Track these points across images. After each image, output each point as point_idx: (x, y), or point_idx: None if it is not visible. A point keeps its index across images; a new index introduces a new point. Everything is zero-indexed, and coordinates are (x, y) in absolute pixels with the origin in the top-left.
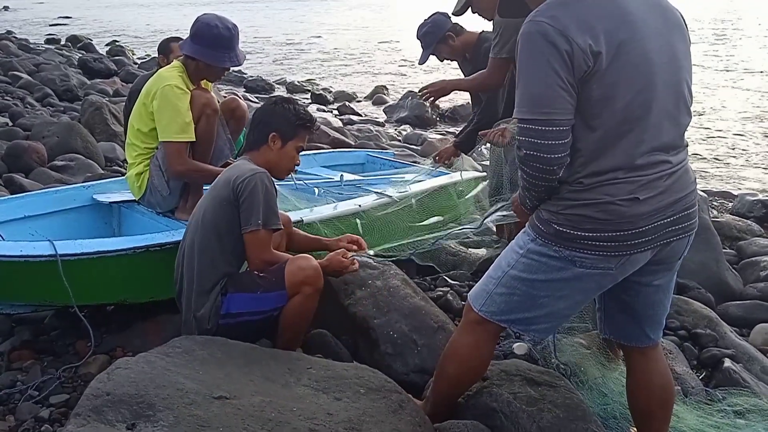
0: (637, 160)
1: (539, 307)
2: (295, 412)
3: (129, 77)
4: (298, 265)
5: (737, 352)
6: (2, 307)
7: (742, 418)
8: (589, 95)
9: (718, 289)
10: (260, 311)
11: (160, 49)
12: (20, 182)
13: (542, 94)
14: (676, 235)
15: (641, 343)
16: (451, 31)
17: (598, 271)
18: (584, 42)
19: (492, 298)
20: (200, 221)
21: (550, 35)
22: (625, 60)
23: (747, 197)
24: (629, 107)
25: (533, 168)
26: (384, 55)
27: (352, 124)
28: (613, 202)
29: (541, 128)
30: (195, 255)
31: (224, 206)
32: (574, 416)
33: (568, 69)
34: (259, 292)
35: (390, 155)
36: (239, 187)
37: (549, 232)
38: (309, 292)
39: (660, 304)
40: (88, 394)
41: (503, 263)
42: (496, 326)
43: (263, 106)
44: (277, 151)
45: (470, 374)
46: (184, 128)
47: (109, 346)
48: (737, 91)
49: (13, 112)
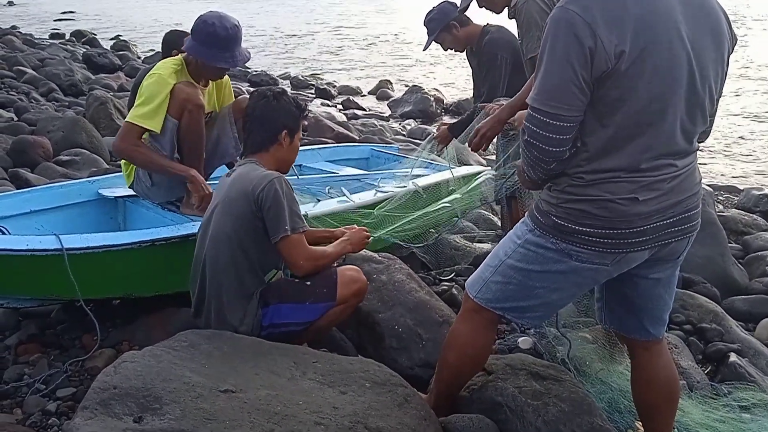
0: (642, 164)
1: (534, 297)
2: (301, 406)
3: (133, 72)
4: (352, 278)
5: (743, 347)
6: (9, 301)
7: (748, 412)
8: (605, 94)
9: (723, 284)
10: (305, 321)
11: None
12: (26, 177)
13: (555, 88)
14: (675, 237)
15: (641, 336)
16: (456, 20)
17: (594, 266)
18: (609, 40)
19: (488, 285)
20: (221, 236)
21: (576, 27)
22: (646, 64)
23: (753, 192)
24: (643, 112)
25: (532, 154)
26: (388, 49)
27: (356, 119)
28: (613, 200)
29: (545, 120)
30: (221, 271)
31: (247, 220)
32: (580, 410)
33: (587, 67)
34: (309, 303)
35: (394, 150)
36: (260, 198)
37: (547, 224)
38: (354, 303)
39: (659, 299)
40: (95, 387)
41: (501, 252)
42: (492, 314)
43: (260, 104)
44: (287, 147)
45: (470, 362)
46: (147, 114)
47: (116, 340)
48: (744, 87)
49: (18, 107)
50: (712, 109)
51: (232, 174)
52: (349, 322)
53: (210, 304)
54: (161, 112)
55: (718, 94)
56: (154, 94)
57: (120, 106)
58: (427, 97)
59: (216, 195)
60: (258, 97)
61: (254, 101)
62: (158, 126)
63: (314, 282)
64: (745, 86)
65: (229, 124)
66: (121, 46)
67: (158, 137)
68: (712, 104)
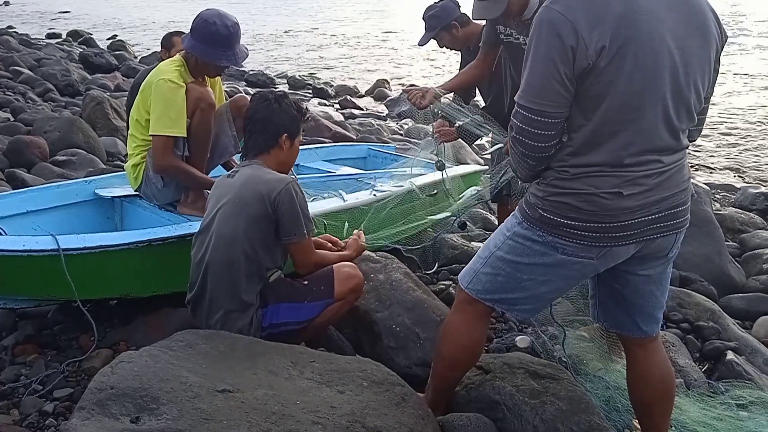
0: (626, 159)
1: (522, 289)
2: (299, 405)
3: (130, 72)
4: (348, 274)
5: (740, 345)
6: (5, 301)
7: (745, 410)
8: (587, 90)
9: (720, 282)
10: (304, 320)
11: (163, 42)
12: (22, 177)
13: (538, 85)
14: (661, 233)
15: (634, 333)
16: (457, 20)
17: (579, 260)
18: (590, 37)
19: (478, 276)
20: (230, 237)
21: (559, 26)
22: (626, 61)
23: (750, 190)
24: (624, 108)
25: (518, 150)
26: (386, 48)
27: (353, 118)
28: (597, 194)
29: (529, 116)
30: (227, 272)
31: (261, 221)
32: (577, 408)
33: (569, 64)
34: (307, 302)
35: (392, 149)
36: (277, 201)
37: (534, 216)
38: (352, 299)
39: (651, 296)
40: (92, 387)
41: (491, 244)
42: (484, 306)
43: (262, 106)
44: (287, 150)
45: (463, 354)
46: (173, 123)
47: (112, 340)
48: (741, 84)
49: (15, 107)
50: (699, 107)
51: (237, 175)
52: (346, 322)
53: (212, 304)
54: (183, 116)
55: (706, 92)
56: (171, 100)
57: (117, 106)
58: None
59: (218, 195)
60: (260, 100)
61: (256, 104)
62: (184, 131)
63: (311, 281)
64: (743, 85)
65: (227, 123)
66: (118, 46)
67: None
68: (699, 102)
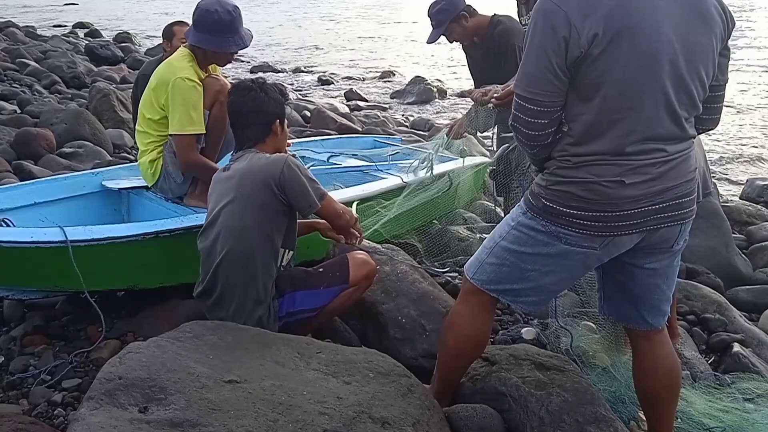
0: (627, 147)
1: (526, 280)
2: (305, 396)
3: (136, 64)
4: (363, 260)
5: (746, 337)
6: (14, 292)
7: (751, 402)
8: (582, 78)
9: (727, 274)
10: (319, 307)
11: (164, 33)
12: (29, 169)
13: (532, 74)
14: (665, 223)
15: (639, 326)
16: (466, 11)
17: (583, 250)
18: (583, 26)
19: (483, 267)
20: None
21: (553, 17)
22: (621, 48)
23: (757, 182)
24: (622, 95)
25: (517, 138)
26: (391, 40)
27: (359, 110)
28: (599, 182)
29: (524, 104)
30: (242, 263)
31: (272, 206)
32: (583, 400)
33: (561, 54)
34: (323, 288)
35: (397, 141)
36: (282, 180)
37: (538, 206)
38: (365, 285)
39: (656, 289)
40: (101, 378)
41: (496, 234)
42: (489, 297)
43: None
44: (281, 135)
45: (468, 345)
46: (193, 120)
47: (120, 331)
48: (747, 77)
49: (21, 100)
50: (704, 95)
51: (232, 169)
52: (352, 313)
53: (224, 296)
54: (202, 113)
55: (712, 80)
56: (191, 99)
57: (123, 98)
58: (429, 87)
59: (218, 191)
60: (244, 91)
61: (240, 97)
62: (203, 127)
63: (326, 267)
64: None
65: None
66: (123, 38)
67: None
68: (704, 90)
